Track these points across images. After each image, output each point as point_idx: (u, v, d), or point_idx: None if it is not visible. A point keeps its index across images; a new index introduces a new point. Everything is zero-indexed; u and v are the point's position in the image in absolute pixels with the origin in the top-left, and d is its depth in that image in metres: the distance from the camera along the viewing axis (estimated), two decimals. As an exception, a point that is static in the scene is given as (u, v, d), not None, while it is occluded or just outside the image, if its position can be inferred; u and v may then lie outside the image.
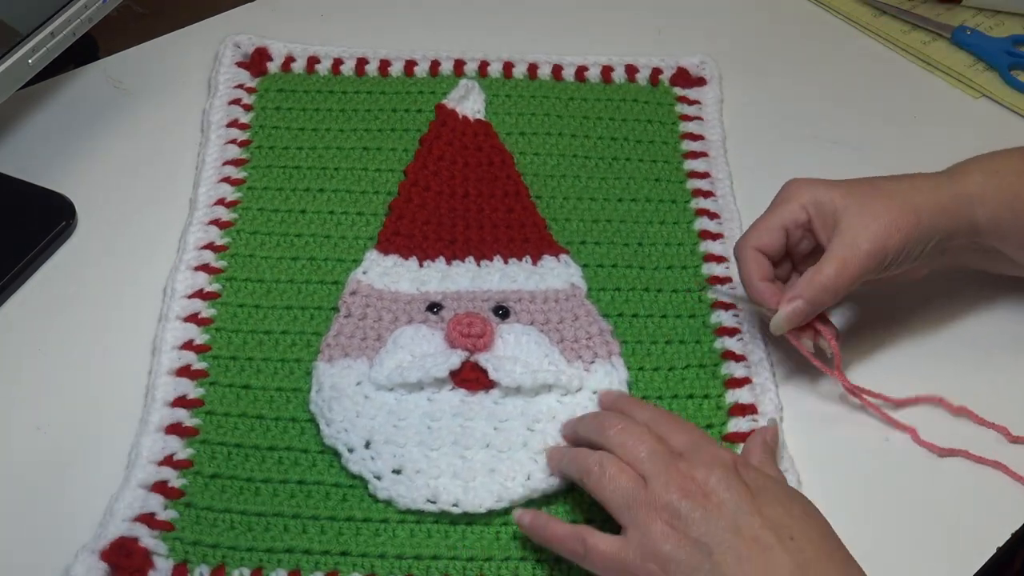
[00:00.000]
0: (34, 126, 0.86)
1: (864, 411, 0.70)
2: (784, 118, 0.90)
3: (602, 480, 0.58)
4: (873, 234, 0.65)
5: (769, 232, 0.68)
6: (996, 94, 0.93)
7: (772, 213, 0.69)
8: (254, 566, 0.61)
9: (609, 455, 0.59)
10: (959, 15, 1.01)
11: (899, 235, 0.65)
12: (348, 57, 0.91)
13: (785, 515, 0.55)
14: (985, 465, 0.67)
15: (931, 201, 0.66)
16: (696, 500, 0.55)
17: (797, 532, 0.55)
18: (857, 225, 0.65)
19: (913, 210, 0.66)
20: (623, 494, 0.57)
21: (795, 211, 0.68)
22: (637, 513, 0.56)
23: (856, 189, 0.67)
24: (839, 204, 0.67)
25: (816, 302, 0.66)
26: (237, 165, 0.82)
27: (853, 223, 0.66)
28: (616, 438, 0.59)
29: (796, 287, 0.67)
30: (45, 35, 0.76)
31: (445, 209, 0.78)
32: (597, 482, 0.58)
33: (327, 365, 0.69)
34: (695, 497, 0.55)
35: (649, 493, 0.56)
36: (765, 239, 0.68)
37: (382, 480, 0.63)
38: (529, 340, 0.69)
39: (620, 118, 0.88)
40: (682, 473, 0.56)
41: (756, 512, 0.55)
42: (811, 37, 0.99)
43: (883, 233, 0.65)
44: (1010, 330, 0.75)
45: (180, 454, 0.65)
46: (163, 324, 0.71)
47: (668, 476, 0.56)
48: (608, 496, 0.57)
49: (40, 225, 0.77)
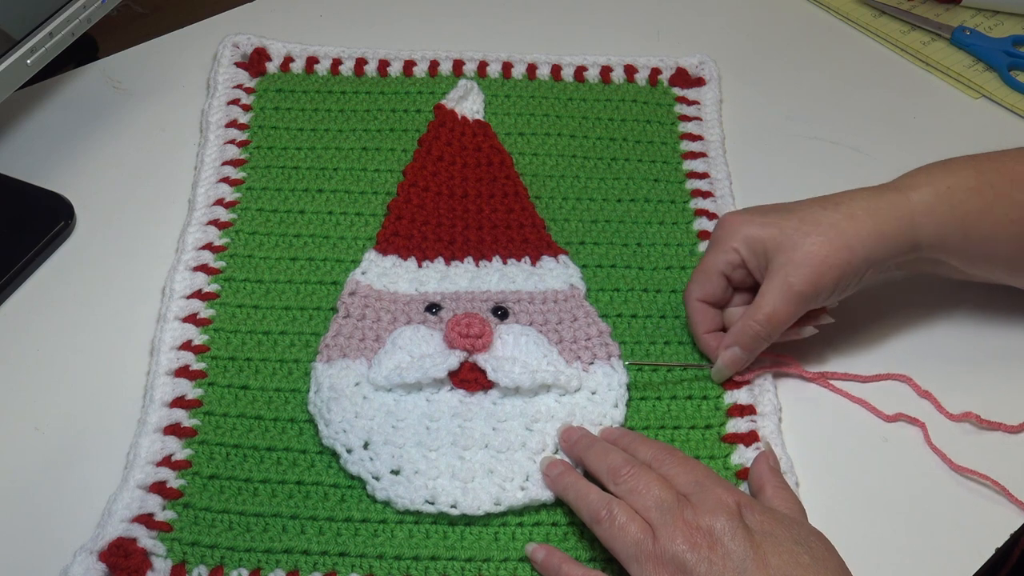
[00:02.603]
0: (33, 126, 0.86)
1: (863, 411, 0.70)
2: (784, 118, 0.90)
3: (612, 530, 0.58)
4: (804, 276, 0.65)
5: (709, 280, 0.69)
6: (995, 94, 0.93)
7: (708, 258, 0.69)
8: (252, 567, 0.61)
9: (619, 502, 0.59)
10: (958, 15, 1.01)
11: (832, 273, 0.65)
12: (347, 57, 0.91)
13: (791, 564, 0.55)
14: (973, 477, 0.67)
15: (867, 230, 0.65)
16: (701, 552, 0.55)
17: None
18: (788, 265, 0.65)
19: (846, 245, 0.65)
20: (632, 545, 0.57)
21: (728, 254, 0.68)
22: (645, 566, 0.56)
23: (788, 224, 0.66)
24: (769, 245, 0.66)
25: (752, 348, 0.67)
26: (236, 165, 0.82)
27: (784, 263, 0.65)
28: (625, 485, 0.60)
29: (731, 335, 0.68)
30: (44, 35, 0.76)
31: (444, 209, 0.78)
32: (607, 531, 0.58)
33: (326, 366, 0.69)
34: (700, 549, 0.55)
35: (657, 546, 0.56)
36: (708, 288, 0.69)
37: (380, 481, 0.63)
38: (528, 340, 0.69)
39: (619, 118, 0.88)
40: (687, 523, 0.56)
41: (761, 563, 0.55)
42: (811, 37, 0.99)
43: (815, 273, 0.65)
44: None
45: (178, 455, 0.65)
46: (161, 324, 0.71)
47: (675, 527, 0.56)
48: (618, 547, 0.58)
49: (39, 225, 0.77)
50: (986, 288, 0.74)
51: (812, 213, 0.66)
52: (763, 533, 0.56)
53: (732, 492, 0.58)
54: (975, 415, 0.69)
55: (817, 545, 0.57)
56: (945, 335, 0.74)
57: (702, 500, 0.57)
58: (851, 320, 0.73)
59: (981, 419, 0.69)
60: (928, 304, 0.76)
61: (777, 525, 0.57)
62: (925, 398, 0.70)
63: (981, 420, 0.69)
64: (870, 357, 0.73)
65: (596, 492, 0.60)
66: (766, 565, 0.55)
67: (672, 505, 0.57)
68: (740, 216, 0.69)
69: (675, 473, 0.60)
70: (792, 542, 0.56)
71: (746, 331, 0.67)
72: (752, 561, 0.55)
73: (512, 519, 0.63)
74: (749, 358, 0.68)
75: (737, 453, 0.67)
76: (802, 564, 0.55)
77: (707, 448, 0.67)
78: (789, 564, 0.55)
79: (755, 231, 0.67)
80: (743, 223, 0.68)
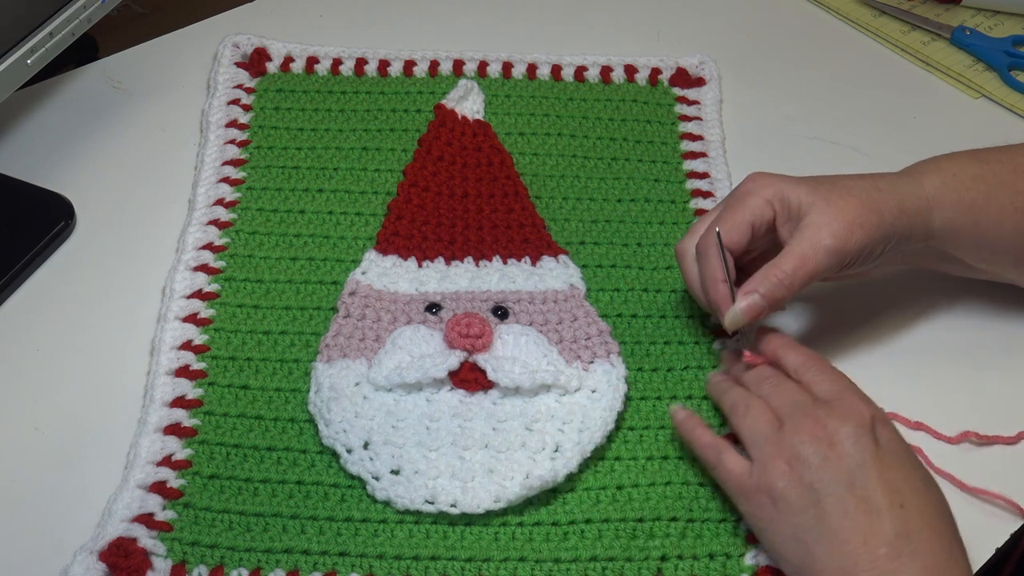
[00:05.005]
0: (33, 126, 0.86)
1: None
2: (784, 118, 0.90)
3: (745, 418, 0.61)
4: (836, 231, 0.64)
5: (737, 228, 0.66)
6: (995, 94, 0.93)
7: (738, 208, 0.67)
8: (252, 566, 0.61)
9: (758, 399, 0.62)
10: (958, 15, 1.01)
11: (861, 232, 0.64)
12: (347, 57, 0.91)
13: (903, 482, 0.57)
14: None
15: (892, 201, 0.66)
16: (819, 446, 0.57)
17: (910, 501, 0.56)
18: (820, 221, 0.65)
19: (876, 209, 0.65)
20: (759, 431, 0.60)
21: (762, 207, 0.66)
22: (764, 448, 0.59)
23: (819, 186, 0.66)
24: (804, 200, 0.65)
25: (773, 297, 0.65)
26: (236, 165, 0.82)
27: (816, 219, 0.65)
28: (767, 386, 0.63)
29: (753, 281, 0.65)
30: (44, 35, 0.76)
31: (444, 209, 0.78)
32: (741, 418, 0.62)
33: (326, 365, 0.69)
34: (819, 444, 0.57)
35: (781, 434, 0.59)
36: (734, 236, 0.66)
37: (380, 480, 0.63)
38: (528, 340, 0.69)
39: (619, 118, 0.88)
40: (815, 419, 0.59)
41: (875, 472, 0.56)
42: (811, 37, 0.99)
43: (846, 230, 0.64)
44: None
45: (179, 454, 0.65)
46: (162, 324, 0.71)
47: (803, 422, 0.59)
48: (745, 431, 0.61)
49: (39, 225, 0.77)
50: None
51: (842, 181, 0.67)
52: (888, 449, 0.58)
53: (870, 406, 0.60)
54: (973, 433, 0.68)
55: (930, 478, 0.58)
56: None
57: (838, 406, 0.59)
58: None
59: (980, 435, 0.68)
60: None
61: (902, 446, 0.59)
62: (918, 429, 0.69)
63: (980, 436, 0.68)
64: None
65: (739, 390, 0.64)
66: (880, 475, 0.56)
67: (807, 405, 0.60)
68: (771, 175, 0.68)
69: (818, 380, 0.62)
70: (912, 465, 0.58)
71: (770, 278, 0.64)
72: (869, 468, 0.56)
73: (512, 519, 0.63)
74: (768, 309, 0.65)
75: (737, 453, 0.67)
76: (914, 487, 0.57)
77: (707, 448, 0.67)
78: (903, 481, 0.57)
79: (789, 189, 0.66)
80: (775, 180, 0.67)
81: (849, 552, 0.55)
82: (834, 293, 0.75)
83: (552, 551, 0.62)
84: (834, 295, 0.75)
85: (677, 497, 0.64)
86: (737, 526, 0.63)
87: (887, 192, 0.66)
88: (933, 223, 0.67)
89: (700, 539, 0.63)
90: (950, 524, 0.57)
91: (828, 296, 0.74)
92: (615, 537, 0.62)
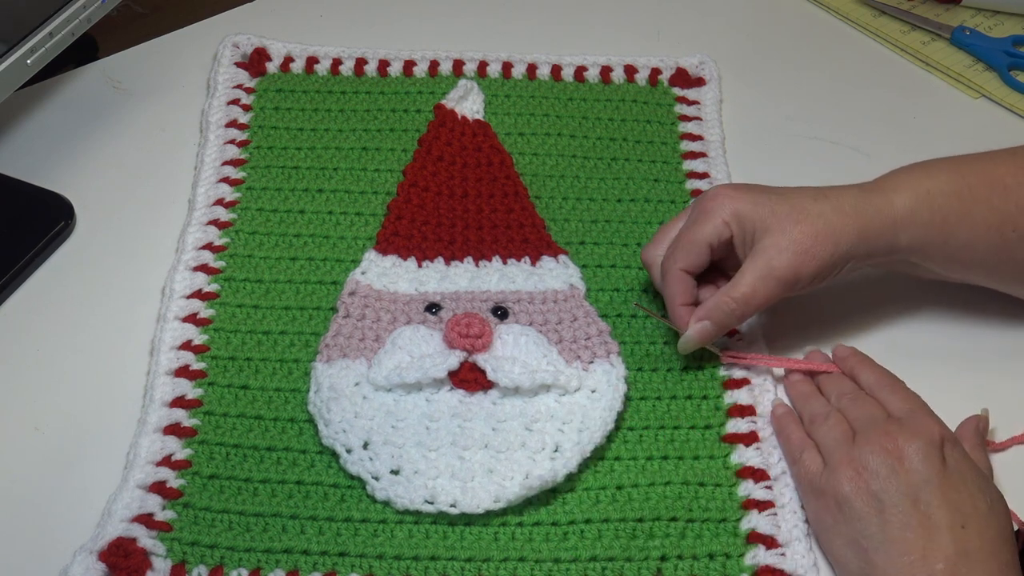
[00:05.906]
0: (33, 126, 0.86)
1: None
2: (784, 118, 0.90)
3: (823, 427, 0.64)
4: (787, 261, 0.65)
5: (695, 250, 0.68)
6: (995, 94, 0.93)
7: (696, 228, 0.68)
8: (252, 567, 0.61)
9: (836, 411, 0.65)
10: (958, 15, 1.01)
11: (814, 263, 0.65)
12: (347, 57, 0.91)
13: (967, 503, 0.57)
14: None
15: (853, 227, 0.66)
16: (888, 459, 0.59)
17: (972, 523, 0.57)
18: (772, 250, 0.65)
19: (832, 238, 0.65)
20: (833, 438, 0.62)
21: (719, 227, 0.67)
22: (836, 454, 0.61)
23: (779, 206, 0.66)
24: (759, 224, 0.66)
25: (723, 324, 0.67)
26: (236, 165, 0.82)
27: (769, 246, 0.65)
28: (845, 402, 0.65)
29: (704, 308, 0.67)
30: (44, 35, 0.76)
31: (444, 209, 0.78)
32: (819, 427, 0.64)
33: (325, 365, 0.69)
34: (888, 456, 0.59)
35: (853, 446, 0.61)
36: (692, 259, 0.68)
37: (380, 481, 0.63)
38: (528, 340, 0.69)
39: (619, 118, 0.88)
40: (887, 433, 0.60)
41: (940, 491, 0.58)
42: (811, 37, 0.99)
43: (798, 260, 0.65)
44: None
45: (178, 454, 0.65)
46: (161, 324, 0.71)
47: (875, 436, 0.60)
48: (821, 438, 0.63)
49: (38, 225, 0.77)
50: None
51: (803, 202, 0.67)
52: (955, 470, 0.59)
53: (941, 426, 0.62)
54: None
55: (997, 502, 0.59)
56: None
57: (909, 423, 0.61)
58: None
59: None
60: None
61: (971, 470, 0.60)
62: None
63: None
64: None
65: (820, 400, 0.67)
66: (944, 494, 0.57)
67: (880, 420, 0.62)
68: (731, 191, 0.68)
69: (892, 399, 0.64)
70: (978, 488, 0.59)
71: (720, 307, 0.66)
72: (934, 486, 0.58)
73: (512, 519, 0.63)
74: (718, 333, 0.68)
75: (737, 453, 0.67)
76: (978, 510, 0.58)
77: (707, 448, 0.67)
78: (967, 502, 0.58)
79: (748, 209, 0.67)
80: (735, 198, 0.67)
81: (907, 564, 0.56)
82: (834, 293, 0.75)
83: (552, 551, 0.62)
84: (834, 295, 0.75)
85: (677, 497, 0.64)
86: (737, 526, 0.63)
87: (849, 216, 0.66)
88: (899, 241, 0.67)
89: (700, 539, 0.63)
90: (1011, 551, 0.58)
91: (828, 296, 0.74)
92: (615, 537, 0.62)
